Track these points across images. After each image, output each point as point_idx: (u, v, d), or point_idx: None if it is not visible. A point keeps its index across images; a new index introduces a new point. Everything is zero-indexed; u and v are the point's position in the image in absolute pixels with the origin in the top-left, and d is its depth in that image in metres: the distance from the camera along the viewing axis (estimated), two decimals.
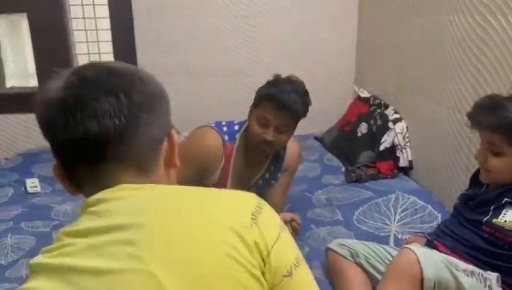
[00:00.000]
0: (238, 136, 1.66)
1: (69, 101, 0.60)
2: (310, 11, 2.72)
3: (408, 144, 2.15)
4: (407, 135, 2.16)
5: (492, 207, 1.19)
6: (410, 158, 2.13)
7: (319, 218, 1.79)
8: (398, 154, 2.14)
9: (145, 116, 0.62)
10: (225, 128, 1.67)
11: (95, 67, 0.65)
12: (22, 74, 2.95)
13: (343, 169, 2.26)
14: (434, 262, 1.10)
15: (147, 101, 0.63)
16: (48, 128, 0.63)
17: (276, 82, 1.58)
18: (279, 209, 1.75)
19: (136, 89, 0.62)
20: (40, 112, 0.63)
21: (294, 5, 2.70)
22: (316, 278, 1.43)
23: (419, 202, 1.84)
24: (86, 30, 2.70)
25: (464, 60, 1.70)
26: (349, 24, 2.77)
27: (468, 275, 1.09)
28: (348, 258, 1.35)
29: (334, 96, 2.82)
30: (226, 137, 1.64)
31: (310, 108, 1.69)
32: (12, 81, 2.84)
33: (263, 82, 1.60)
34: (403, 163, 2.13)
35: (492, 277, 1.13)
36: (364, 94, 2.56)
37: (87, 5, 2.66)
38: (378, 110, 2.34)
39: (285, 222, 1.51)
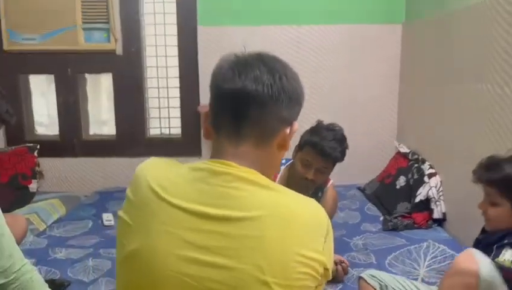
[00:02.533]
0: (282, 168, 1.93)
1: (240, 63, 0.81)
2: (357, 72, 3.02)
3: (442, 197, 2.32)
4: (441, 189, 2.33)
5: (494, 247, 1.36)
6: (443, 210, 2.30)
7: (354, 260, 1.98)
8: (432, 207, 2.31)
9: (285, 99, 0.80)
10: None
11: (274, 59, 0.84)
12: (100, 122, 3.42)
13: (381, 218, 2.45)
14: (491, 269, 1.24)
15: (291, 89, 0.81)
16: (217, 79, 0.82)
17: (319, 129, 1.82)
18: None
19: (288, 78, 0.81)
20: (216, 69, 0.83)
21: (342, 67, 3.01)
22: None
23: (449, 251, 1.99)
24: (158, 88, 3.16)
25: (490, 122, 1.90)
26: (392, 86, 3.04)
27: None
28: (377, 289, 1.55)
29: (377, 151, 3.05)
30: None
31: (355, 161, 1.91)
32: (93, 129, 3.31)
33: None
34: (436, 215, 2.29)
35: None
36: (404, 149, 2.77)
37: (161, 67, 3.12)
38: (416, 165, 2.54)
39: (335, 263, 1.74)
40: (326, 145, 1.75)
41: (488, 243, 1.44)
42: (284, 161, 1.98)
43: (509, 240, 1.36)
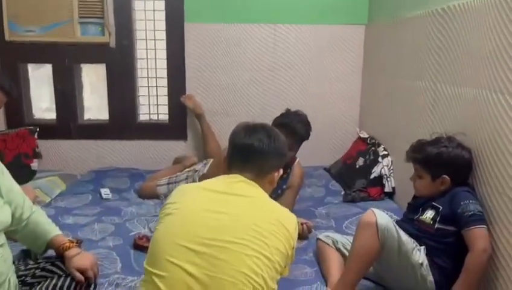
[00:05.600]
0: None
1: (249, 128, 1.44)
2: (325, 68, 3.43)
3: (392, 175, 2.76)
4: (391, 168, 2.78)
5: (420, 209, 1.80)
6: (393, 185, 2.74)
7: (317, 225, 2.40)
8: (384, 182, 2.75)
9: (276, 153, 1.42)
10: None
11: (271, 129, 1.48)
12: (93, 108, 3.73)
13: (342, 192, 2.88)
14: (386, 218, 1.65)
15: (280, 148, 1.44)
16: (234, 136, 1.45)
17: (288, 114, 2.28)
18: None
19: (279, 141, 1.43)
20: (234, 130, 1.47)
21: (310, 62, 3.42)
22: (307, 260, 2.04)
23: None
24: (148, 78, 3.49)
25: (427, 113, 2.33)
26: (356, 81, 3.47)
27: (406, 235, 1.67)
28: (330, 245, 1.97)
29: (341, 136, 3.48)
30: None
31: (322, 145, 2.28)
32: (88, 115, 3.63)
33: None
34: (387, 189, 2.74)
35: (421, 247, 1.71)
36: (364, 135, 3.21)
37: (151, 59, 3.46)
38: (373, 148, 2.98)
39: (301, 223, 2.14)
40: (294, 125, 2.18)
41: (416, 205, 1.88)
42: None
43: (430, 203, 1.79)
